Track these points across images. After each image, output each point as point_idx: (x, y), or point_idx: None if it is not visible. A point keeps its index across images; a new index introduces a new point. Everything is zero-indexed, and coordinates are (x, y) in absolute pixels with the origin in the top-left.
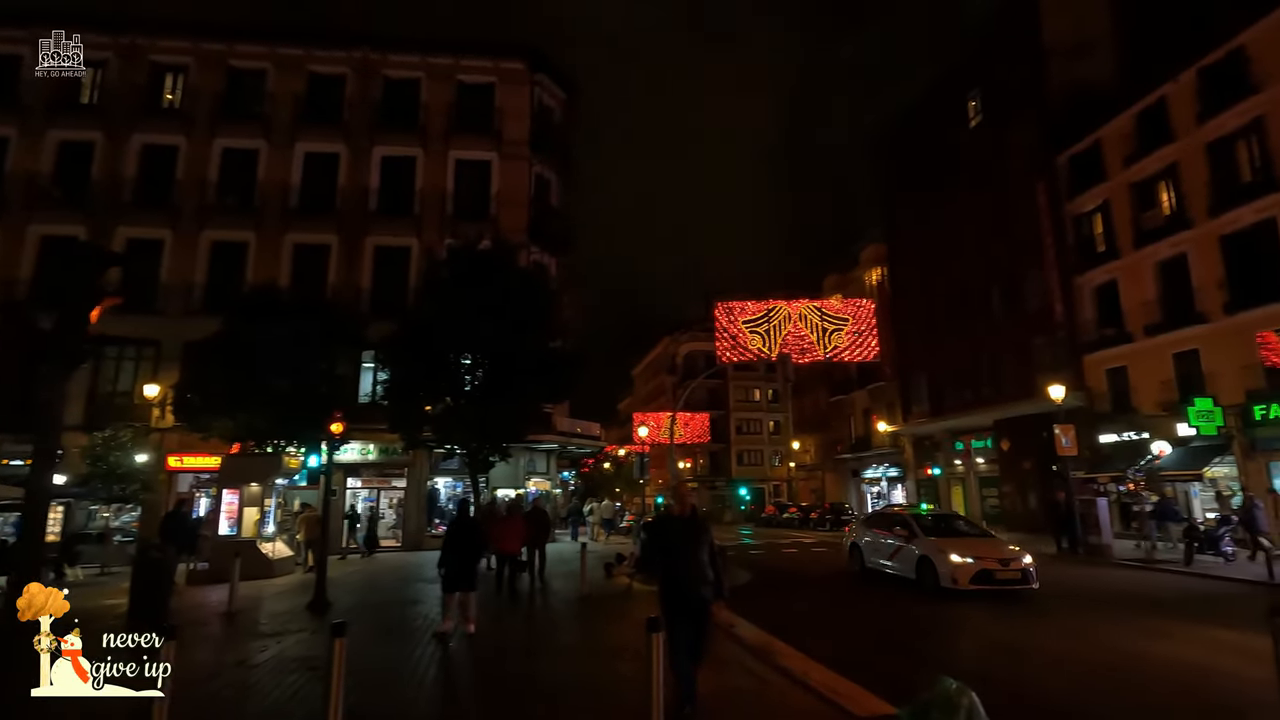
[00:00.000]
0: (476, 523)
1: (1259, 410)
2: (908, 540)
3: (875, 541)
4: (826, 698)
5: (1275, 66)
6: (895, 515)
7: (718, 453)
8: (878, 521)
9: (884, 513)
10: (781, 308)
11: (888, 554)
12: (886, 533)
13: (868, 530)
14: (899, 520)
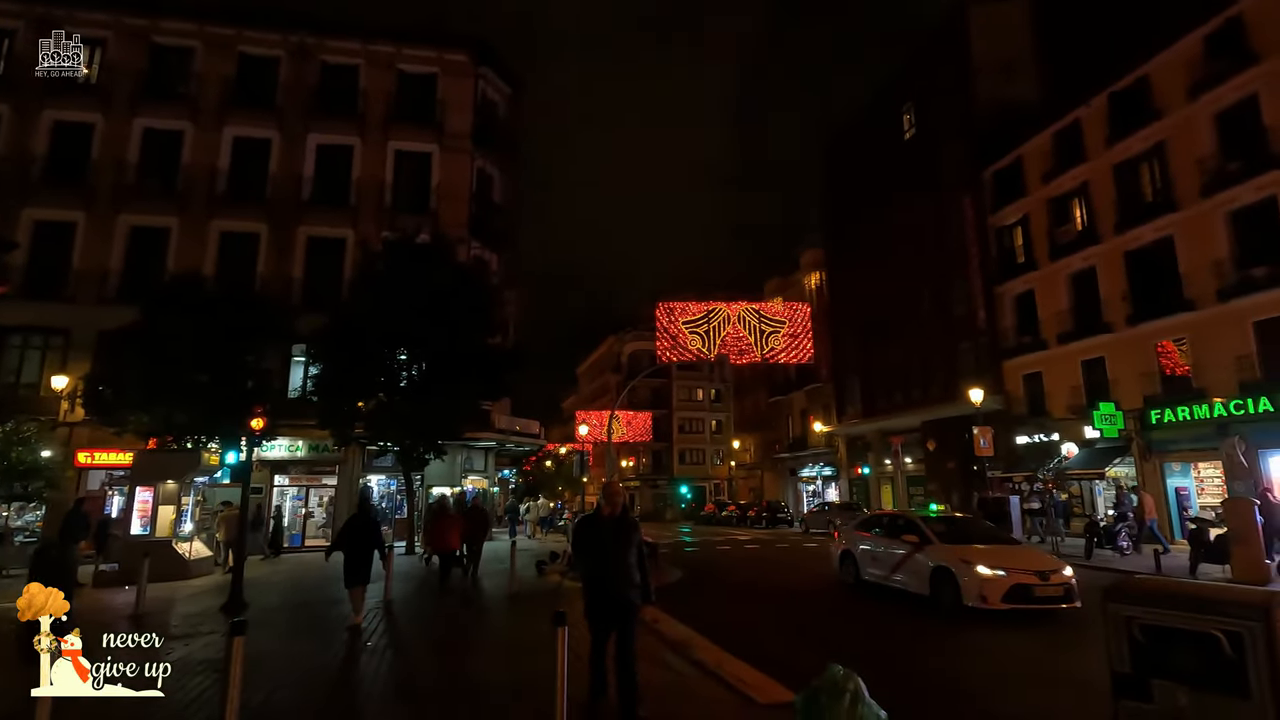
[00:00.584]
0: (374, 520)
1: (1155, 414)
2: (918, 549)
3: (873, 550)
4: (735, 688)
5: (1174, 95)
6: (899, 518)
7: (660, 451)
8: (876, 526)
9: (884, 516)
10: (721, 309)
11: (891, 565)
12: (890, 540)
13: (863, 536)
14: (904, 524)
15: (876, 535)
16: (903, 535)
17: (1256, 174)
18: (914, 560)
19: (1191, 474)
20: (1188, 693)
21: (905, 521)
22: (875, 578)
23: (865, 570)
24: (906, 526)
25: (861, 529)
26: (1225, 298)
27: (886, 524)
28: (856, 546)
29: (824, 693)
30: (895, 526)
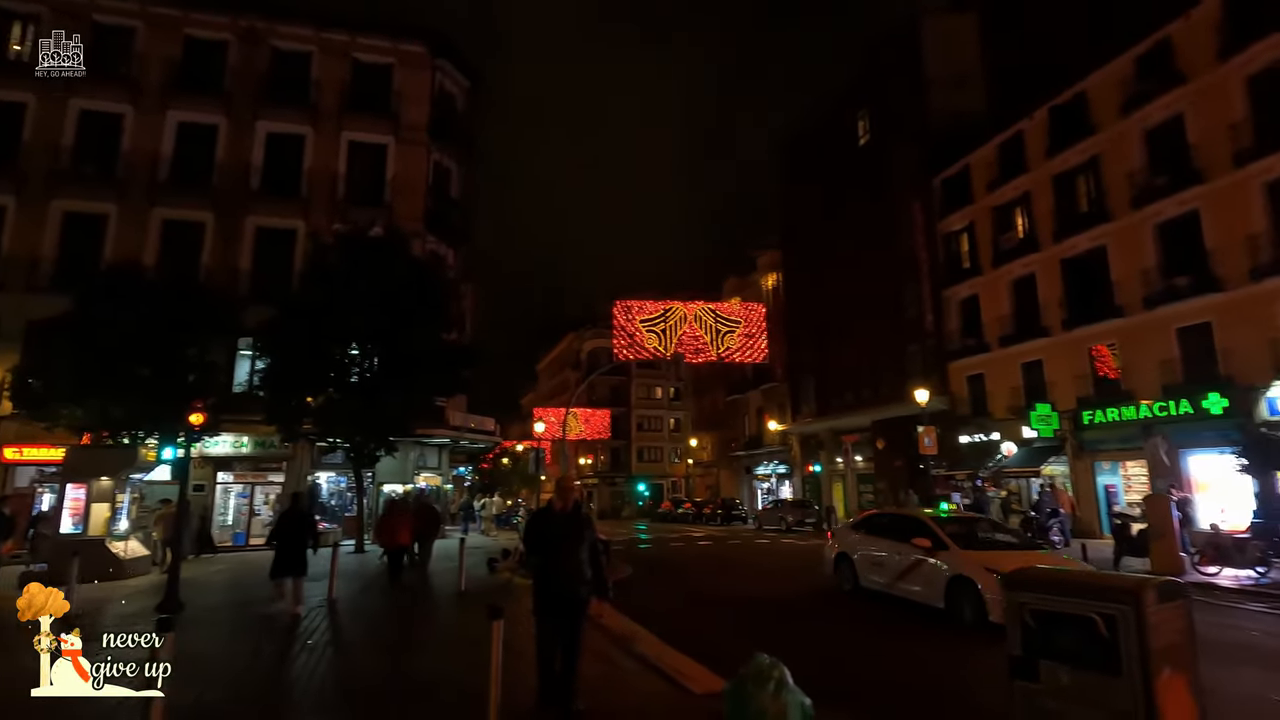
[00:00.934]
0: (308, 514)
1: (1087, 415)
2: (930, 553)
3: (875, 554)
4: (673, 679)
5: (1108, 111)
6: (907, 518)
7: (619, 449)
8: (878, 527)
9: (887, 515)
10: (678, 308)
11: (897, 571)
12: (896, 543)
13: (862, 538)
14: (914, 525)
15: (879, 537)
16: (912, 538)
17: (1180, 189)
18: (926, 567)
19: (1120, 472)
20: (1069, 672)
21: (915, 523)
22: (877, 585)
23: (865, 576)
24: (917, 528)
25: (861, 530)
26: (1151, 305)
27: (891, 525)
28: (854, 549)
29: (750, 680)
30: (903, 528)
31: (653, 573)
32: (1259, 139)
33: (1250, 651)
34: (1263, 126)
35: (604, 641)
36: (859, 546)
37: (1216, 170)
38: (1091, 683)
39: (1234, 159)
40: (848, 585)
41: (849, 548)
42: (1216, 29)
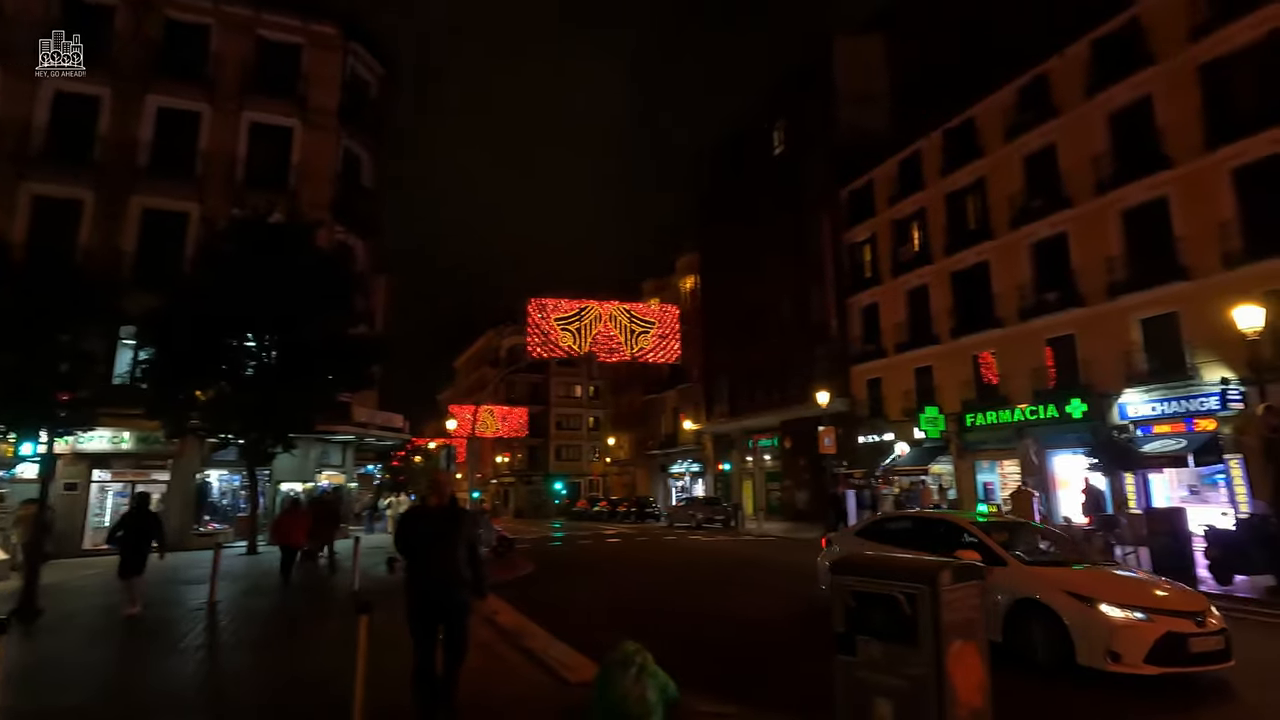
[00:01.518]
0: (151, 514)
1: (969, 418)
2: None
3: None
4: (554, 671)
5: (994, 137)
6: (936, 523)
7: (536, 447)
8: (896, 534)
9: (908, 519)
10: (593, 308)
11: None
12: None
13: (873, 547)
14: (949, 533)
15: (898, 547)
16: (953, 549)
17: (1052, 212)
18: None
19: (997, 470)
20: (880, 645)
21: (950, 529)
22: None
23: None
24: (954, 537)
25: (870, 536)
26: (1026, 317)
27: (916, 531)
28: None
29: (615, 666)
30: (932, 535)
31: (556, 570)
32: (1118, 170)
33: None
34: (1122, 159)
35: (493, 636)
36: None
37: (1082, 196)
38: (896, 653)
39: (1096, 187)
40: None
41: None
42: (1085, 68)
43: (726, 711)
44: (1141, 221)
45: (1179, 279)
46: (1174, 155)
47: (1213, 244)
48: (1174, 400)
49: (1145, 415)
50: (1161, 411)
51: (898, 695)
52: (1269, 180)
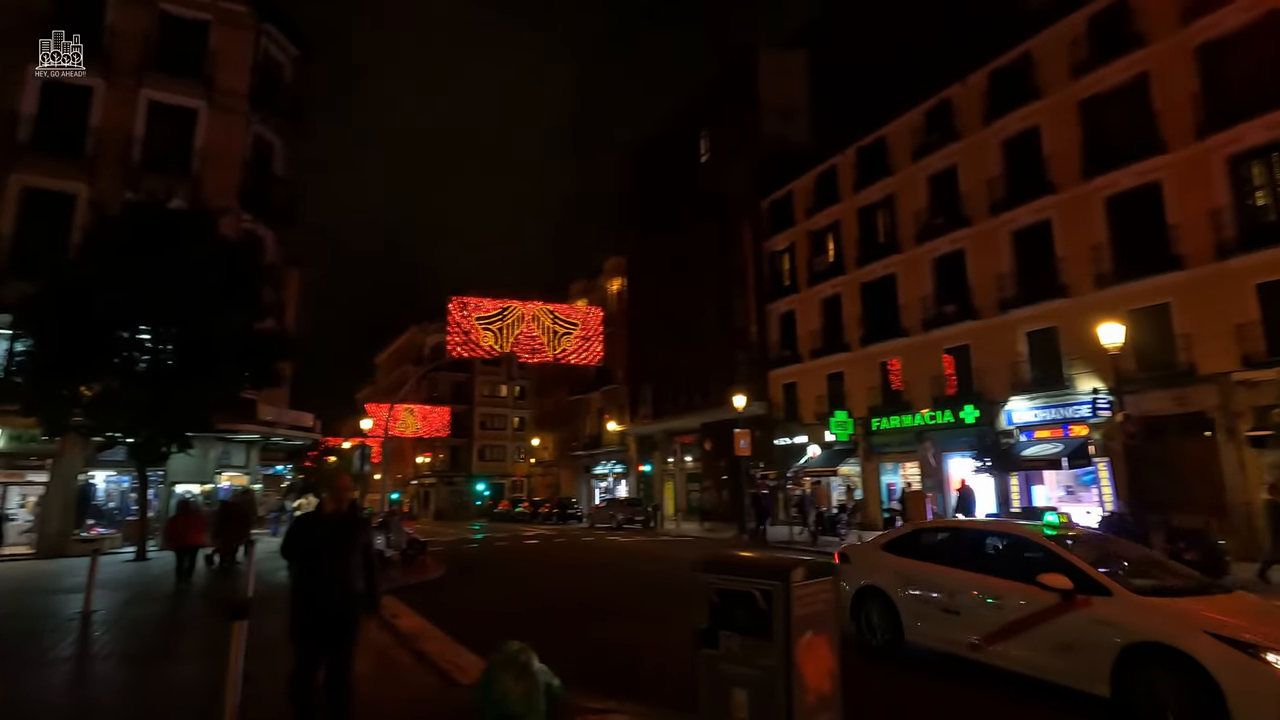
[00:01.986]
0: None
1: (875, 422)
2: (1073, 603)
3: (939, 592)
4: (447, 673)
5: (903, 156)
6: (995, 536)
7: (459, 447)
8: (939, 548)
9: (955, 531)
10: (516, 308)
11: (995, 625)
12: (989, 577)
13: (909, 565)
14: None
15: (945, 566)
16: (1029, 571)
17: (952, 230)
18: (1066, 624)
19: (900, 472)
20: (739, 639)
21: (1019, 544)
22: (945, 644)
23: (919, 627)
24: (1026, 555)
25: (903, 550)
26: (927, 327)
27: (969, 546)
28: (895, 582)
29: (499, 666)
30: (1002, 553)
31: (468, 572)
32: (1009, 193)
33: None
34: (1013, 183)
35: (389, 641)
36: (904, 578)
37: (978, 216)
38: (753, 646)
39: (990, 208)
40: (878, 638)
41: (882, 578)
42: (983, 96)
43: (611, 708)
44: (1029, 242)
45: (1059, 296)
46: (1057, 182)
47: (1087, 265)
48: (1053, 408)
49: (1028, 421)
50: (1042, 418)
51: (752, 685)
52: (1136, 209)
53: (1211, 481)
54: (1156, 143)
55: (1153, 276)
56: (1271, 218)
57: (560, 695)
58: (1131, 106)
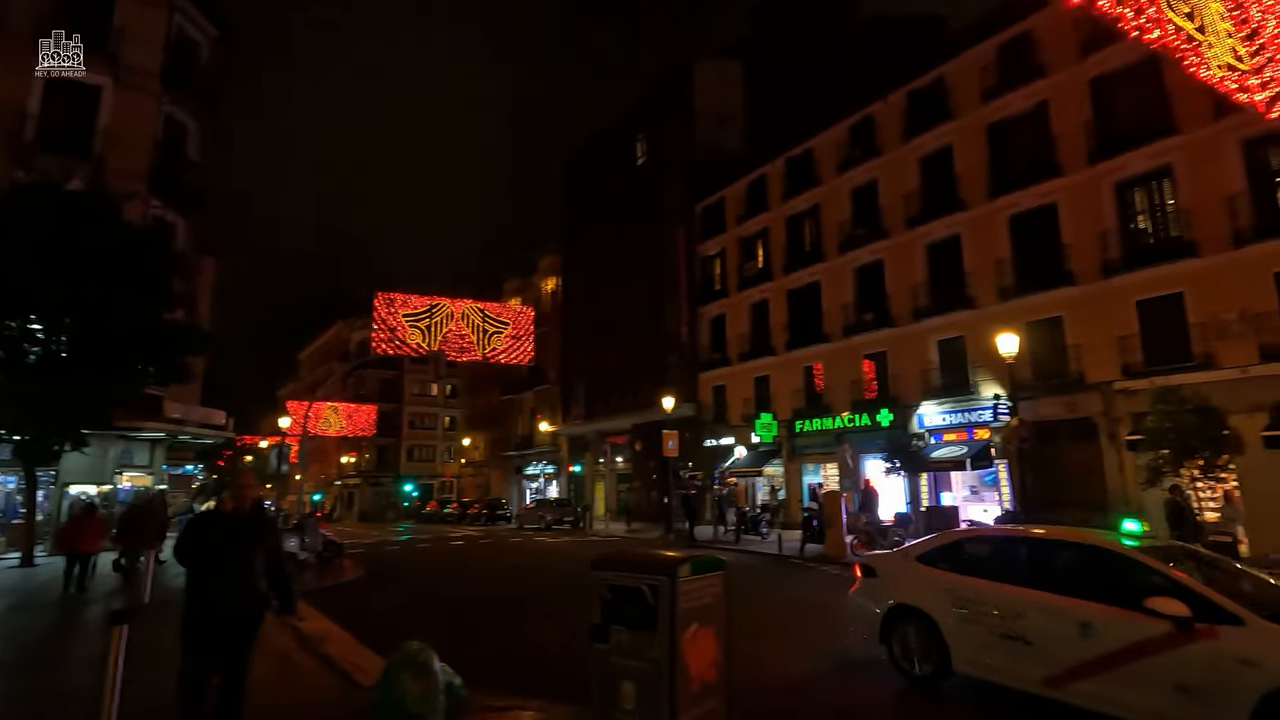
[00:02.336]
0: None
1: (799, 424)
2: (1193, 633)
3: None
4: (349, 675)
5: (828, 168)
6: (1084, 550)
7: (387, 447)
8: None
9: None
10: (445, 305)
11: (1082, 657)
12: (1064, 599)
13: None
14: (1111, 566)
15: (1012, 583)
16: (1128, 593)
17: (872, 241)
18: (1179, 661)
19: (821, 473)
20: (629, 634)
21: (1111, 560)
22: (1013, 679)
23: (973, 655)
24: (1129, 576)
25: (946, 564)
26: (848, 334)
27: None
28: (942, 602)
29: (397, 665)
30: (1087, 570)
31: (387, 574)
32: (924, 208)
33: None
34: (928, 199)
35: (293, 644)
36: (952, 596)
37: (896, 229)
38: (640, 640)
39: (907, 221)
40: (918, 667)
41: (921, 596)
42: (903, 115)
43: (513, 705)
44: (941, 255)
45: (966, 307)
46: (966, 199)
47: (992, 278)
48: (959, 412)
49: (938, 425)
50: (950, 422)
51: (639, 677)
52: (1035, 228)
53: (1095, 481)
54: (1054, 167)
55: (1048, 291)
56: (1151, 240)
57: (462, 694)
58: (1033, 132)
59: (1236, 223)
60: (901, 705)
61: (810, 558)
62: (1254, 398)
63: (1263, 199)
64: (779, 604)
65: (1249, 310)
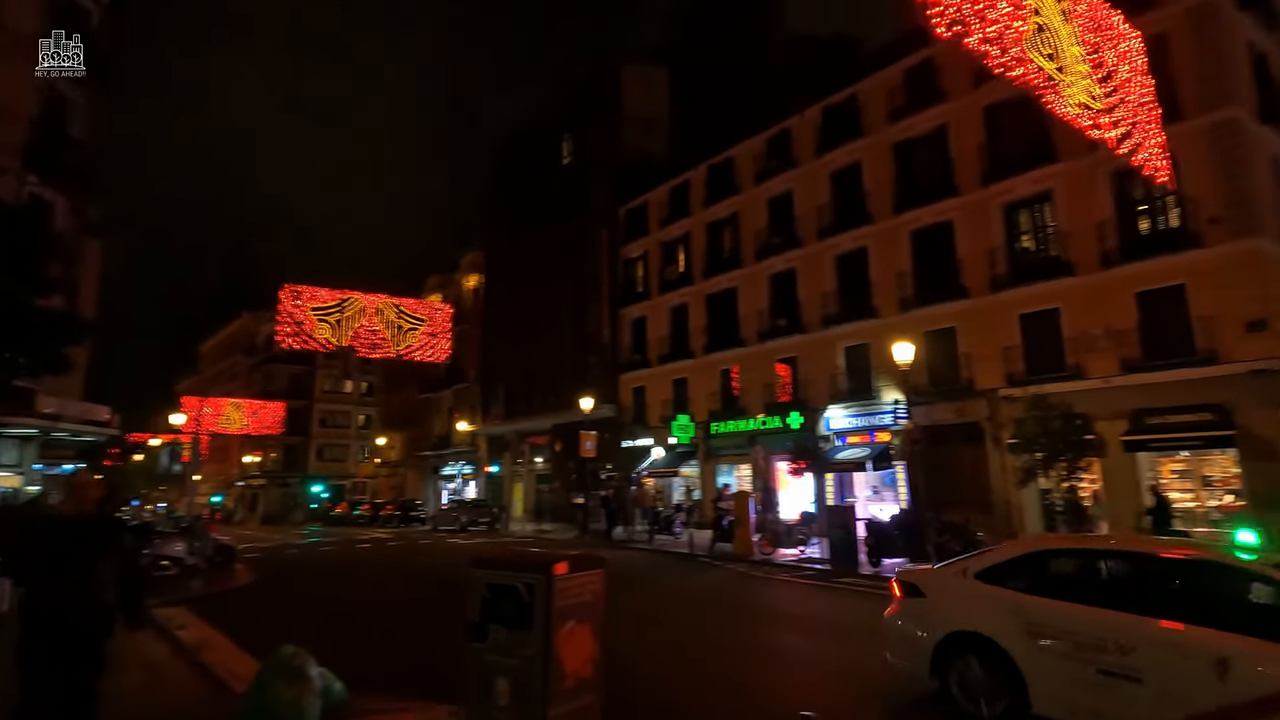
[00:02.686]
0: None
1: (714, 426)
2: None
3: (1105, 646)
4: (225, 682)
5: (747, 178)
6: (1207, 565)
7: (295, 446)
8: (1100, 578)
9: (1125, 555)
10: (357, 300)
11: (1216, 700)
12: (1178, 627)
13: (1046, 607)
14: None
15: (1113, 608)
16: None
17: (786, 250)
18: None
19: (734, 474)
20: (505, 632)
21: (1270, 587)
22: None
23: (1061, 695)
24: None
25: (1027, 583)
26: (762, 339)
27: (1159, 579)
28: (1016, 628)
29: (269, 671)
30: (1214, 593)
31: (282, 579)
32: (835, 220)
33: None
34: (839, 211)
35: (167, 653)
36: (1029, 621)
37: (809, 238)
38: (516, 637)
39: (819, 233)
40: (985, 708)
41: (986, 621)
42: (817, 130)
43: (394, 707)
44: (850, 265)
45: (871, 316)
46: (874, 213)
47: (894, 290)
48: (863, 416)
49: (843, 428)
50: (854, 425)
51: (514, 674)
52: (934, 243)
53: (981, 481)
54: (951, 186)
55: (943, 303)
56: (1032, 259)
57: (343, 698)
58: (934, 152)
59: (1105, 246)
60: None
61: (719, 556)
62: (1116, 405)
63: (1128, 226)
64: (674, 597)
65: (1113, 326)
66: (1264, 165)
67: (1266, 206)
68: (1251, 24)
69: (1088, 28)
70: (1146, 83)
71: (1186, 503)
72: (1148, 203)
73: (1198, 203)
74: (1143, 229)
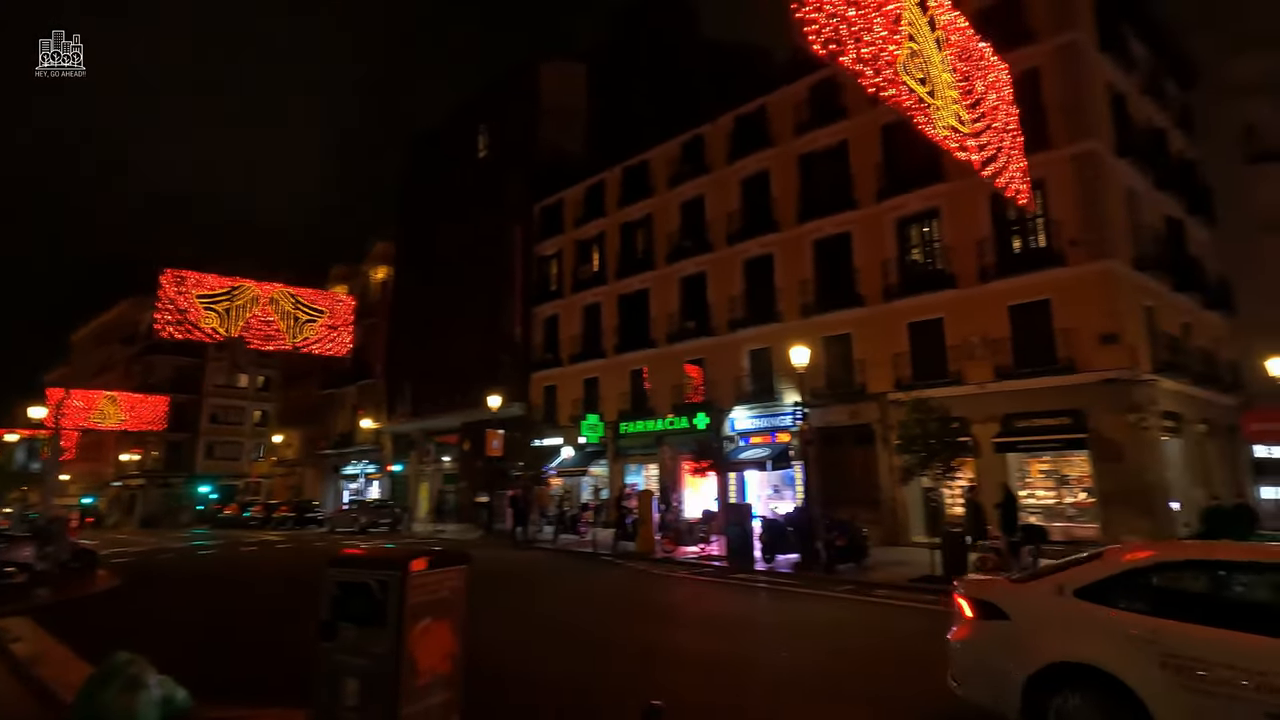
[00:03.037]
0: None
1: (624, 426)
2: None
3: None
4: (55, 695)
5: (661, 182)
6: None
7: (181, 443)
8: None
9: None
10: (250, 288)
11: None
12: None
13: (1192, 634)
14: None
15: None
16: None
17: (697, 253)
18: None
19: (643, 473)
20: (355, 630)
21: None
22: None
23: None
24: None
25: (1152, 604)
26: (671, 340)
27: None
28: (1144, 661)
29: (97, 680)
30: None
31: (150, 585)
32: (744, 226)
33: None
34: (747, 218)
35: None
36: (1157, 650)
37: (719, 243)
38: (368, 635)
39: (728, 238)
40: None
41: (1100, 651)
42: (728, 138)
43: (242, 714)
44: (757, 270)
45: (775, 321)
46: (780, 221)
47: (796, 296)
48: (766, 417)
49: (747, 429)
50: (757, 426)
51: (363, 673)
52: (834, 253)
53: (872, 480)
54: (850, 200)
55: (841, 310)
56: (921, 272)
57: (186, 706)
58: (836, 166)
59: (983, 261)
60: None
61: (621, 554)
62: (989, 410)
63: (1003, 243)
64: (571, 597)
65: (989, 336)
66: (1119, 194)
67: (1119, 232)
68: (1111, 66)
69: (959, 56)
70: (1012, 111)
71: (1048, 500)
72: (1019, 223)
73: (1061, 225)
74: (1015, 247)
